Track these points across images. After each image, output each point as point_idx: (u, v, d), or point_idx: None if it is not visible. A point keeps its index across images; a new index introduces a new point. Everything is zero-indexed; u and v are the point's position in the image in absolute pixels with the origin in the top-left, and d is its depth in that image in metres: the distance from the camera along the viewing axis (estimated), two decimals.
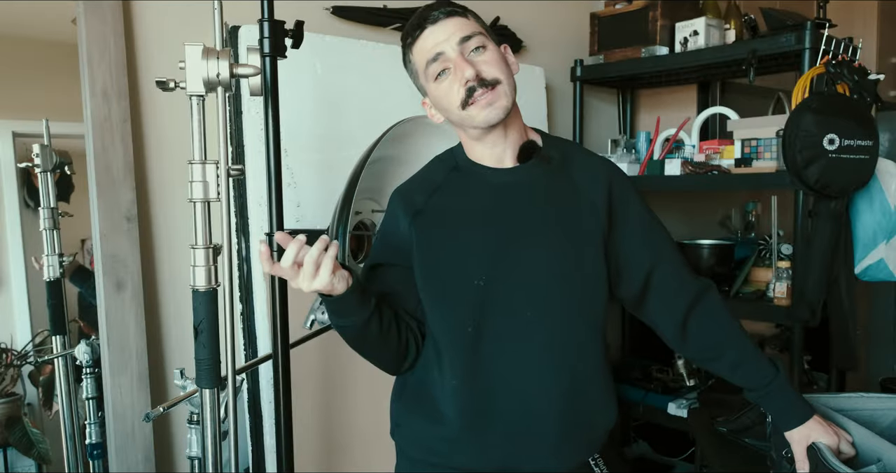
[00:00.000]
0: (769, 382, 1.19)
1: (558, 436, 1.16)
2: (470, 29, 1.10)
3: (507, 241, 1.14)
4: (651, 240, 1.23)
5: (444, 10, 1.10)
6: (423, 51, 1.11)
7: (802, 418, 1.18)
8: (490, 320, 1.13)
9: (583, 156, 1.25)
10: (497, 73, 1.10)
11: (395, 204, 1.19)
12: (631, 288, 1.23)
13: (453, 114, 1.12)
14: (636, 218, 1.22)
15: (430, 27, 1.10)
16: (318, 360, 1.74)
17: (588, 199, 1.18)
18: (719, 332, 1.24)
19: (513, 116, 1.16)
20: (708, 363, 1.29)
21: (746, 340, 1.23)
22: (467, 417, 1.14)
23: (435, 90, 1.13)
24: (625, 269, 1.22)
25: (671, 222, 2.79)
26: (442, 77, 1.11)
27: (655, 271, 1.22)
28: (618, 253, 1.21)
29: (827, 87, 1.78)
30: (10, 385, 1.58)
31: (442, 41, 1.09)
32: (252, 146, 1.68)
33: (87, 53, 1.50)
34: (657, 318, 1.26)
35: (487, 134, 1.14)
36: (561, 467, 1.18)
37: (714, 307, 1.24)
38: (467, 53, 1.10)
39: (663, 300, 1.24)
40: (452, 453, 1.16)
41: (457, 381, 1.13)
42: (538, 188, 1.17)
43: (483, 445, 1.15)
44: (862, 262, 1.89)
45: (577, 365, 1.16)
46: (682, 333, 1.24)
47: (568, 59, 2.45)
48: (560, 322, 1.15)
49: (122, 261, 1.54)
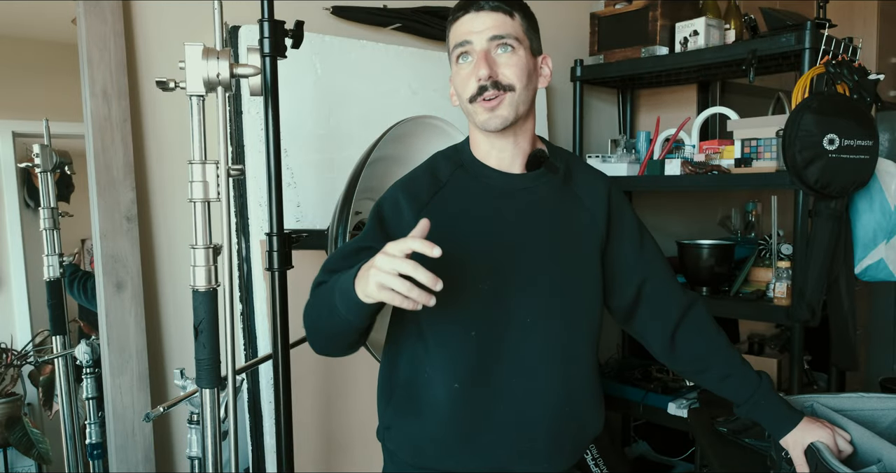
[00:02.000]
0: (754, 392, 1.21)
1: (550, 440, 1.16)
2: (507, 29, 1.10)
3: (511, 248, 1.14)
4: (644, 255, 1.26)
5: (492, 3, 1.09)
6: (457, 33, 1.12)
7: (793, 422, 1.19)
8: (492, 325, 1.13)
9: (584, 169, 1.27)
10: (514, 79, 1.09)
11: (399, 194, 1.15)
12: (622, 300, 1.26)
13: (463, 102, 1.13)
14: (631, 232, 1.25)
15: (472, 13, 1.10)
16: (318, 360, 1.74)
17: (590, 212, 1.21)
18: (707, 345, 1.26)
19: (525, 125, 1.16)
20: (695, 375, 1.31)
21: (733, 353, 1.26)
22: (464, 419, 1.13)
23: (456, 72, 1.14)
24: (617, 281, 1.25)
25: (671, 222, 2.81)
26: (462, 60, 1.11)
27: (647, 284, 1.25)
28: (612, 266, 1.24)
29: (827, 87, 1.78)
30: (10, 385, 1.58)
31: (475, 32, 1.09)
32: (252, 146, 1.68)
33: (87, 53, 1.50)
34: (646, 331, 1.29)
35: (493, 135, 1.14)
36: (551, 470, 1.19)
37: (702, 321, 1.27)
38: (494, 51, 1.09)
39: (653, 313, 1.27)
40: (444, 455, 1.16)
41: (459, 385, 1.13)
42: (544, 197, 1.18)
43: (476, 447, 1.14)
44: (862, 262, 1.89)
45: (572, 371, 1.18)
46: (670, 346, 1.27)
47: (568, 59, 2.45)
48: (558, 330, 1.16)
49: (122, 261, 1.54)
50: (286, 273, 1.33)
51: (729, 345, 1.26)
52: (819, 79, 1.78)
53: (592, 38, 2.41)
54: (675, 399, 2.08)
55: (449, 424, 1.14)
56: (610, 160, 2.32)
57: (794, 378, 1.91)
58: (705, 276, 2.14)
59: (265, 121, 1.30)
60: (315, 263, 1.69)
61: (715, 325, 1.27)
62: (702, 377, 1.29)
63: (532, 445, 1.15)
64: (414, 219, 1.11)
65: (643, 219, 1.31)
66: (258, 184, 1.68)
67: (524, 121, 1.15)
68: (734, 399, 1.24)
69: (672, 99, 2.70)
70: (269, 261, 1.31)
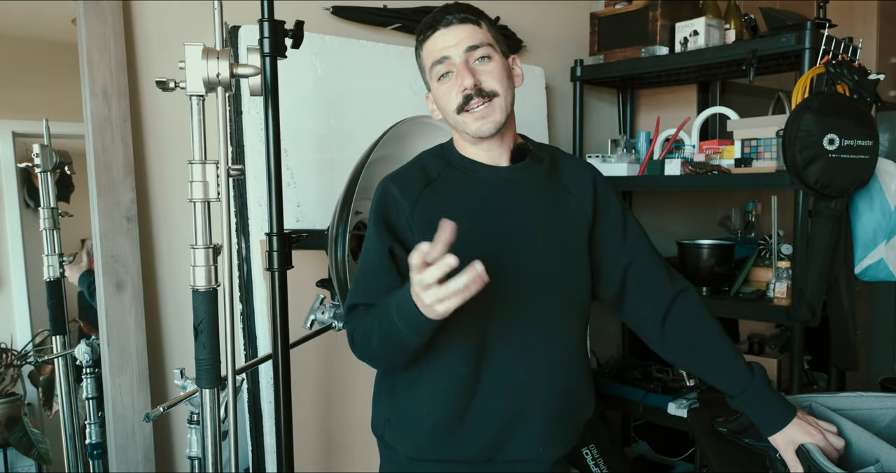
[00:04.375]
0: (746, 387, 1.19)
1: (547, 425, 1.19)
2: (479, 38, 1.14)
3: (503, 236, 1.17)
4: (629, 241, 1.27)
5: (458, 16, 1.14)
6: (432, 51, 1.16)
7: (783, 421, 1.16)
8: (491, 315, 1.15)
9: (568, 160, 1.31)
10: (496, 85, 1.14)
11: (391, 188, 1.17)
12: (609, 287, 1.28)
13: (449, 115, 1.17)
14: (616, 219, 1.27)
15: (442, 29, 1.14)
16: (318, 360, 1.75)
17: (576, 200, 1.24)
18: (697, 333, 1.25)
19: (508, 124, 1.20)
20: (686, 364, 1.33)
21: (725, 342, 1.24)
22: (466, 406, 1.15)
23: (436, 90, 1.18)
24: (603, 268, 1.27)
25: (671, 222, 2.81)
26: (444, 79, 1.16)
27: (632, 270, 1.26)
28: (597, 251, 1.26)
29: (827, 87, 1.78)
30: (10, 385, 1.58)
31: (450, 46, 1.13)
32: (252, 146, 1.68)
33: (87, 53, 1.50)
34: (636, 318, 1.30)
35: (482, 141, 1.18)
36: (547, 456, 1.21)
37: (692, 307, 1.27)
38: (472, 62, 1.14)
39: (641, 299, 1.28)
40: (443, 444, 1.17)
41: (464, 370, 1.14)
42: (532, 187, 1.21)
43: (475, 433, 1.16)
44: (862, 262, 1.89)
45: (568, 354, 1.22)
46: (660, 333, 1.27)
47: (568, 59, 2.45)
48: (554, 313, 1.19)
49: (122, 261, 1.54)
50: (286, 273, 1.33)
51: (722, 335, 1.25)
52: (819, 79, 1.78)
53: (592, 38, 2.41)
54: (675, 399, 2.08)
55: (450, 411, 1.16)
56: (610, 160, 2.32)
57: (794, 378, 1.91)
58: (705, 276, 2.14)
59: (265, 121, 1.30)
60: (315, 263, 1.69)
61: (707, 313, 1.26)
62: (693, 365, 1.29)
63: (530, 431, 1.18)
64: (411, 212, 1.14)
65: (643, 219, 1.32)
66: (258, 184, 1.68)
67: (509, 121, 1.19)
68: (726, 390, 1.23)
69: (672, 99, 2.69)
70: (269, 261, 1.31)
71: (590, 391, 1.29)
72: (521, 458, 1.19)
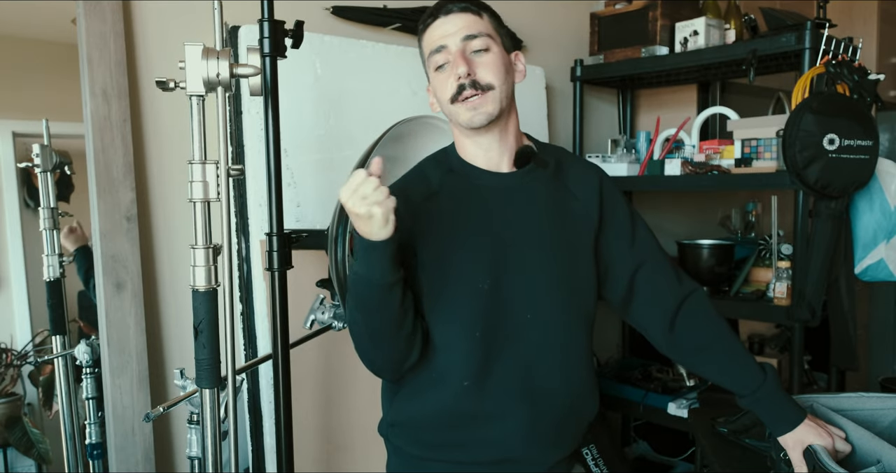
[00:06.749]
0: (758, 387, 1.19)
1: (554, 427, 1.19)
2: (478, 28, 1.13)
3: (506, 245, 1.15)
4: (636, 243, 1.26)
5: (459, 5, 1.13)
6: (430, 40, 1.15)
7: (794, 422, 1.17)
8: (494, 323, 1.14)
9: (575, 162, 1.29)
10: (492, 78, 1.12)
11: None
12: (616, 289, 1.26)
13: (444, 105, 1.16)
14: (624, 222, 1.26)
15: (441, 18, 1.13)
16: (318, 360, 1.74)
17: (582, 204, 1.22)
18: (707, 334, 1.25)
19: (509, 122, 1.18)
20: (696, 366, 1.30)
21: (735, 343, 1.24)
22: (471, 415, 1.15)
23: (434, 79, 1.17)
24: (611, 272, 1.26)
25: (671, 222, 2.81)
26: (441, 70, 1.14)
27: (640, 273, 1.25)
28: (606, 255, 1.25)
29: (827, 87, 1.78)
30: (10, 385, 1.58)
31: (448, 34, 1.12)
32: (252, 146, 1.68)
33: (87, 53, 1.50)
34: (644, 320, 1.28)
35: (477, 134, 1.16)
36: (552, 457, 1.21)
37: (701, 309, 1.26)
38: (469, 51, 1.12)
39: (649, 301, 1.26)
40: (451, 448, 1.17)
41: (469, 382, 1.13)
42: (536, 193, 1.19)
43: (482, 439, 1.16)
44: (862, 262, 1.89)
45: (571, 360, 1.20)
46: (670, 335, 1.25)
47: (568, 58, 2.45)
48: (556, 323, 1.18)
49: (122, 261, 1.54)
50: (286, 273, 1.33)
51: (731, 335, 1.24)
52: (819, 79, 1.78)
53: (592, 38, 2.41)
54: (675, 399, 2.08)
55: (456, 420, 1.15)
56: (610, 160, 2.32)
57: (794, 378, 1.91)
58: (705, 276, 2.14)
59: (265, 121, 1.30)
60: (315, 263, 1.69)
61: (717, 314, 1.26)
62: (703, 367, 1.28)
63: (537, 433, 1.17)
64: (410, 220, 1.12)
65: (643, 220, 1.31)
66: (258, 184, 1.68)
67: (507, 116, 1.17)
68: (736, 390, 1.22)
69: (672, 99, 2.70)
70: (269, 261, 1.31)
71: (594, 395, 1.27)
72: (527, 459, 1.18)
